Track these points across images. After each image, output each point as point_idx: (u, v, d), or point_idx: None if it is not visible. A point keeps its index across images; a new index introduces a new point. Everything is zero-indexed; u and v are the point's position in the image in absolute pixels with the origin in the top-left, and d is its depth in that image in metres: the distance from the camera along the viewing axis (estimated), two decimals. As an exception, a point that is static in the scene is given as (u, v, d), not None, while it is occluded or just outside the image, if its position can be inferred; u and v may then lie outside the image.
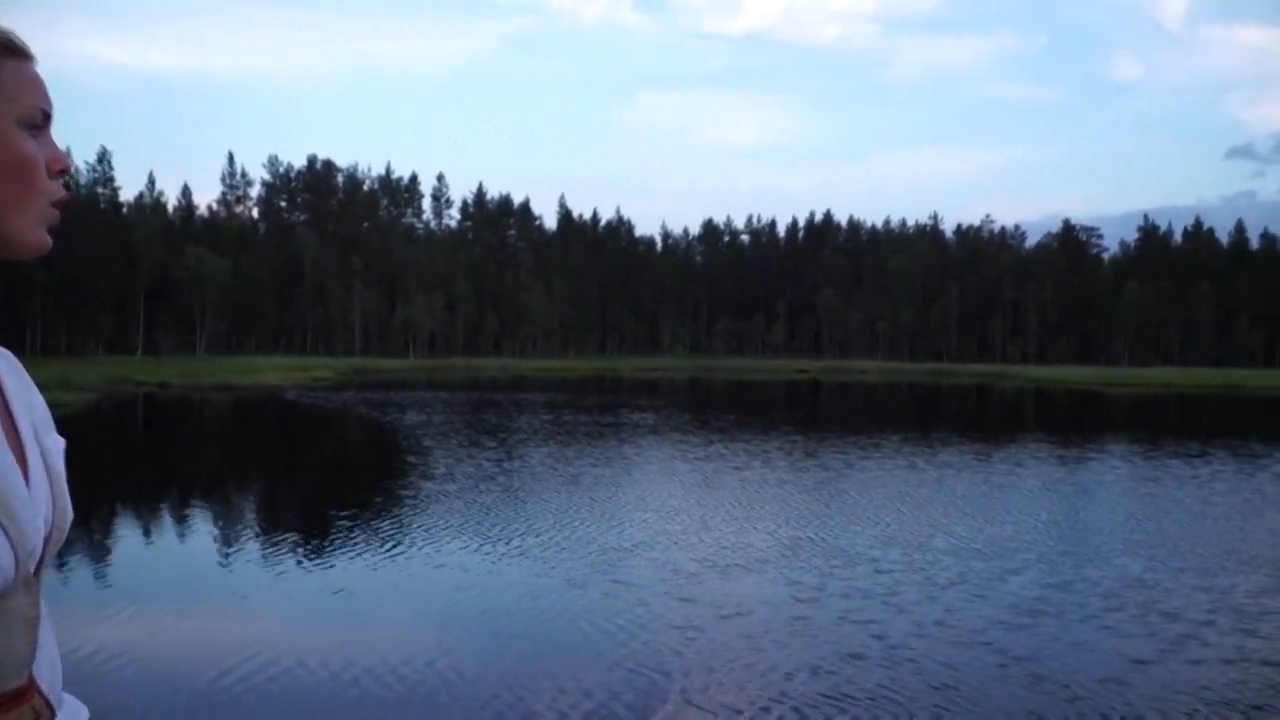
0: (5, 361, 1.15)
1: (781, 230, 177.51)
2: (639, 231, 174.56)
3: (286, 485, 22.01)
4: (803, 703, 7.80)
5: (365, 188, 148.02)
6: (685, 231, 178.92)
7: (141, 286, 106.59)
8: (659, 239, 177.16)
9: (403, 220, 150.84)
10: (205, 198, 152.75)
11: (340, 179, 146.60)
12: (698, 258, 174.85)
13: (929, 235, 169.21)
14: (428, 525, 15.08)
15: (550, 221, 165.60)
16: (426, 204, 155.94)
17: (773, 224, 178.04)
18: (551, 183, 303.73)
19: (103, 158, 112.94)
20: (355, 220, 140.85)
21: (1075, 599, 11.14)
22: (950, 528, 15.39)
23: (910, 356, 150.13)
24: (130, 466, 24.14)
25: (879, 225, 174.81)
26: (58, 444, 1.15)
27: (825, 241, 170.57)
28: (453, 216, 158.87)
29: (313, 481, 22.53)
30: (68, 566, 11.85)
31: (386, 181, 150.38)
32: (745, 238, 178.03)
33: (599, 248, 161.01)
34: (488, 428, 33.29)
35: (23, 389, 1.14)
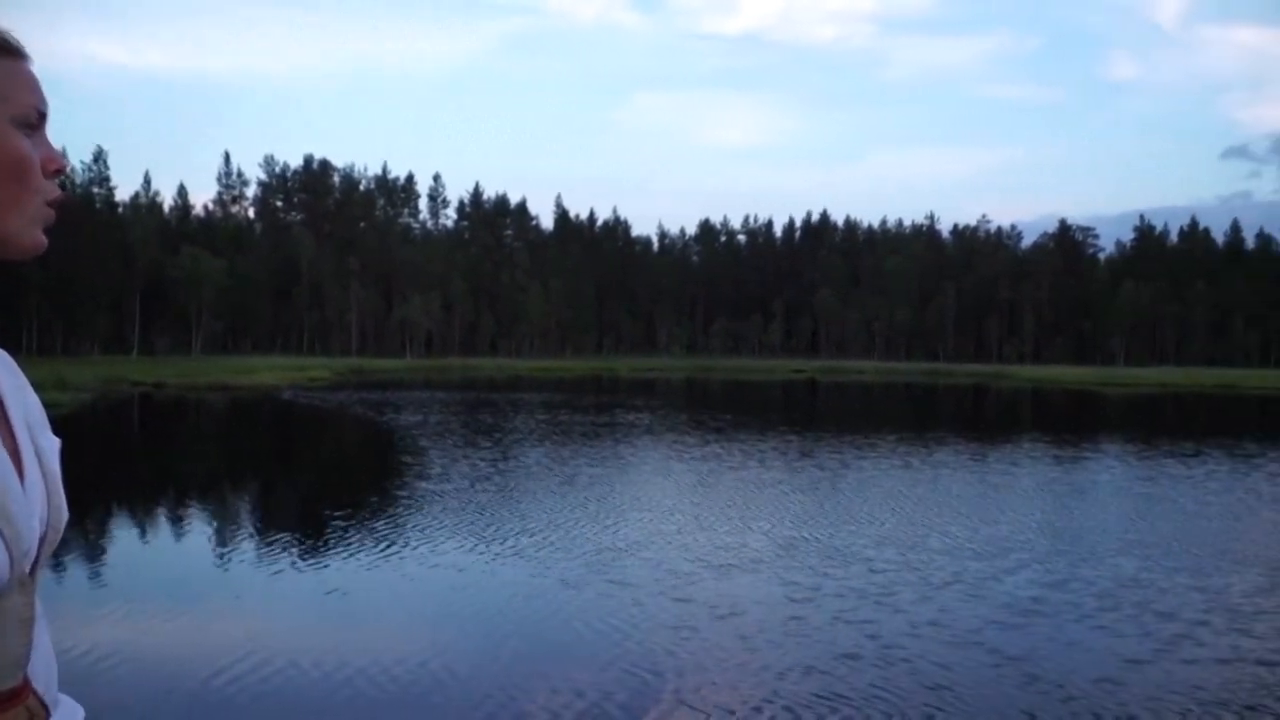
0: (0, 361, 1.14)
1: (778, 230, 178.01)
2: (636, 231, 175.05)
3: (282, 485, 21.99)
4: (796, 702, 7.80)
5: (362, 188, 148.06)
6: (682, 231, 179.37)
7: (137, 286, 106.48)
8: (656, 239, 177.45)
9: (399, 220, 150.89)
10: (201, 197, 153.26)
11: (336, 179, 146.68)
12: (694, 258, 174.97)
13: (925, 235, 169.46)
14: (423, 525, 15.08)
15: (547, 221, 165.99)
16: (423, 204, 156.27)
17: (769, 224, 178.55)
18: (548, 183, 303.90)
19: (98, 157, 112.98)
20: (352, 220, 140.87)
21: (1070, 599, 11.15)
22: (945, 527, 15.40)
23: (907, 356, 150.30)
24: (126, 466, 24.10)
25: (875, 225, 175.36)
26: (53, 444, 1.15)
27: (822, 241, 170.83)
28: (449, 216, 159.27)
29: (308, 481, 22.51)
30: (63, 566, 11.84)
31: (383, 181, 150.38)
32: (742, 238, 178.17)
33: (596, 248, 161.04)
34: (484, 428, 33.27)
35: (18, 388, 1.14)
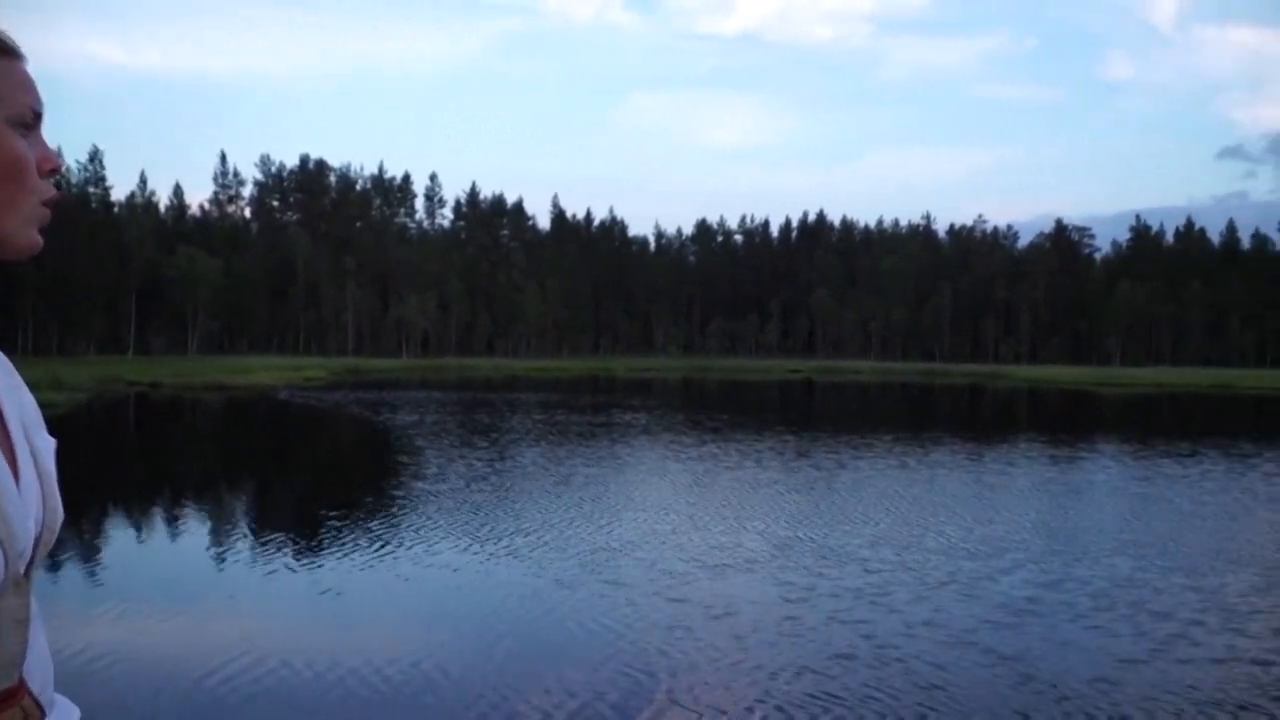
0: None
1: (775, 230, 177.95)
2: (632, 231, 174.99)
3: (278, 485, 21.96)
4: (789, 702, 7.79)
5: (358, 187, 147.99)
6: (679, 231, 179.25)
7: (133, 286, 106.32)
8: (652, 239, 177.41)
9: (396, 220, 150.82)
10: (197, 197, 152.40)
11: (333, 179, 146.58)
12: (691, 258, 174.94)
13: (922, 235, 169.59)
14: (418, 525, 15.06)
15: (543, 221, 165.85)
16: (419, 204, 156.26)
17: (766, 224, 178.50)
18: (545, 182, 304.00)
19: (94, 157, 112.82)
20: (348, 220, 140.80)
21: (1065, 598, 11.16)
22: (941, 527, 15.41)
23: (903, 356, 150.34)
24: (121, 466, 24.07)
25: (872, 225, 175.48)
26: (48, 444, 1.15)
27: (818, 241, 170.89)
28: (446, 216, 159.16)
29: (304, 481, 22.49)
30: (59, 567, 11.82)
31: (379, 181, 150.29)
32: (738, 238, 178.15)
33: (592, 248, 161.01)
34: (480, 428, 33.26)
35: (13, 388, 1.14)
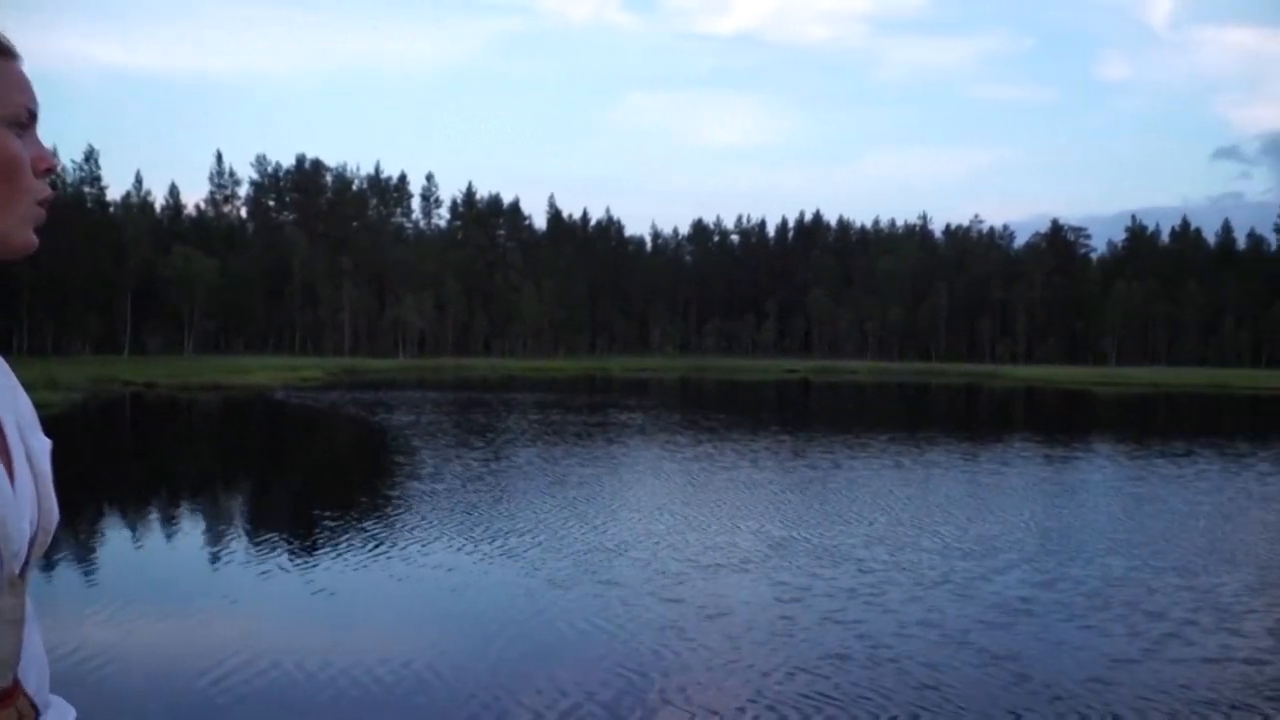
0: None
1: (771, 230, 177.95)
2: (629, 231, 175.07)
3: (274, 486, 21.93)
4: (781, 702, 7.78)
5: (354, 187, 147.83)
6: (675, 231, 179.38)
7: (129, 286, 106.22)
8: (649, 239, 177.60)
9: (392, 220, 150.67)
10: (193, 197, 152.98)
11: (329, 178, 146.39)
12: (687, 257, 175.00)
13: (918, 235, 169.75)
14: (413, 525, 15.04)
15: (540, 221, 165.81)
16: (416, 204, 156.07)
17: (762, 224, 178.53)
18: (541, 182, 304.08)
19: (90, 157, 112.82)
20: (344, 220, 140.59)
21: (1059, 598, 11.16)
22: (936, 527, 15.41)
23: (899, 356, 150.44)
24: (117, 467, 24.03)
25: (868, 225, 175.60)
26: (44, 444, 1.14)
27: (815, 241, 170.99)
28: (442, 216, 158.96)
29: (300, 482, 22.46)
30: (54, 567, 11.80)
31: (375, 181, 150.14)
32: (735, 238, 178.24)
33: (589, 247, 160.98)
34: (476, 428, 33.24)
35: (8, 389, 1.13)
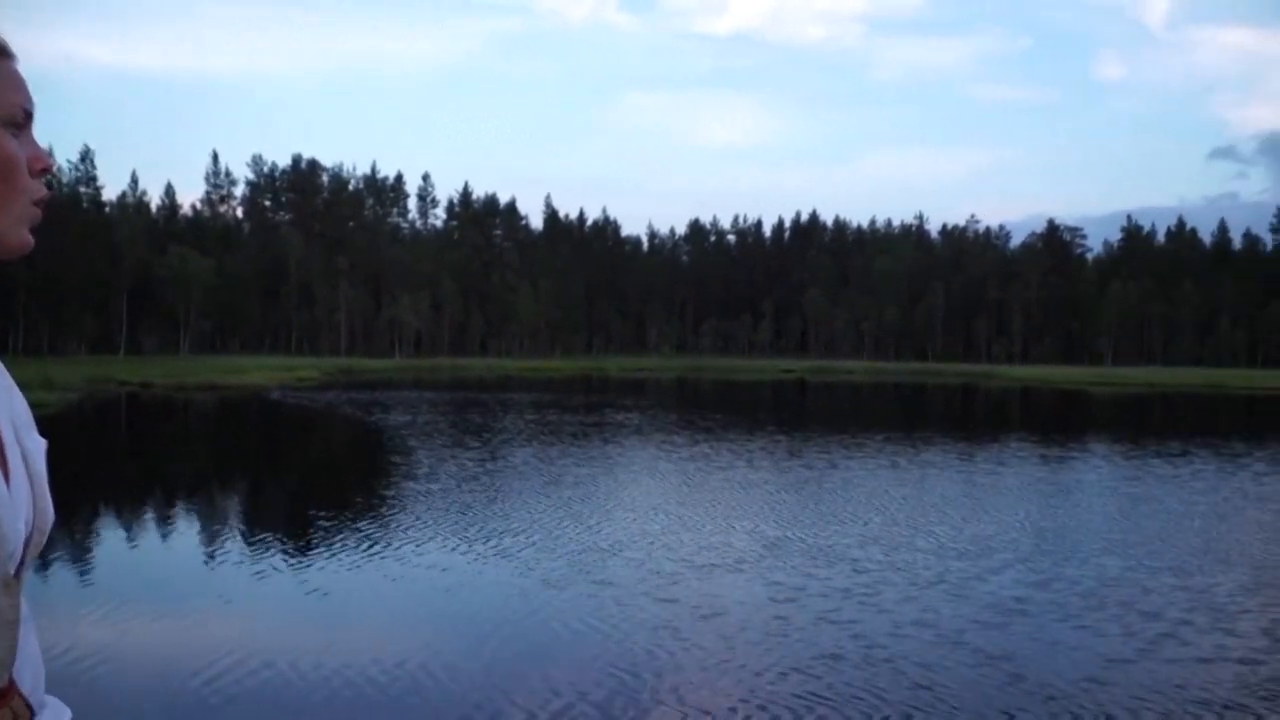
0: None
1: (768, 230, 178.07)
2: (625, 231, 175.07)
3: (269, 486, 21.91)
4: (774, 702, 7.77)
5: (350, 187, 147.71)
6: (672, 231, 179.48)
7: (124, 286, 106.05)
8: (645, 239, 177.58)
9: (388, 220, 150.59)
10: (189, 197, 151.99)
11: (325, 178, 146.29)
12: (684, 257, 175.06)
13: (914, 235, 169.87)
14: (407, 525, 15.03)
15: (536, 221, 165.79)
16: (412, 204, 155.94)
17: (759, 224, 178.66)
18: (538, 182, 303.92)
19: (85, 156, 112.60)
20: (340, 220, 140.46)
21: (1054, 598, 11.17)
22: (931, 527, 15.42)
23: (895, 356, 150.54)
24: (112, 467, 23.99)
25: (865, 225, 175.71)
26: (39, 445, 1.14)
27: (811, 241, 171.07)
28: (438, 216, 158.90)
29: (296, 482, 22.44)
30: (49, 567, 11.77)
31: (372, 181, 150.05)
32: (731, 238, 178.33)
33: (585, 247, 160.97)
34: (472, 428, 33.22)
35: (3, 389, 1.13)
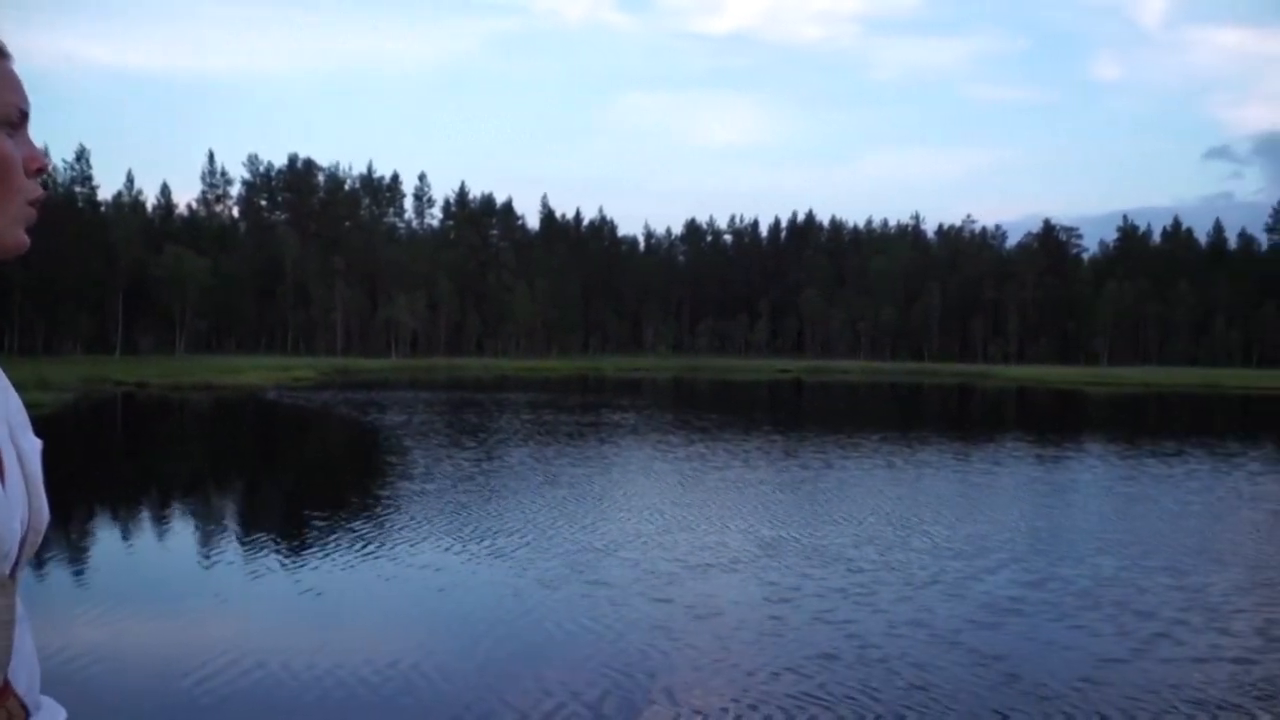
0: None
1: (764, 230, 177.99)
2: (622, 231, 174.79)
3: (265, 486, 21.89)
4: (769, 702, 7.76)
5: (346, 187, 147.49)
6: (668, 231, 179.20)
7: (120, 286, 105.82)
8: (642, 239, 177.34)
9: (384, 220, 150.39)
10: (185, 196, 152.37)
11: (321, 178, 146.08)
12: (680, 257, 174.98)
13: (910, 235, 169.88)
14: (403, 525, 15.02)
15: (533, 221, 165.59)
16: (408, 203, 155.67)
17: (755, 224, 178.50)
18: (534, 182, 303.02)
19: (81, 156, 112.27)
20: (336, 220, 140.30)
21: (1049, 598, 11.17)
22: (926, 527, 15.43)
23: (892, 356, 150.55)
24: (108, 467, 23.94)
25: (861, 225, 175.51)
26: (34, 445, 1.14)
27: (807, 241, 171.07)
28: (435, 216, 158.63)
29: (291, 482, 22.42)
30: (45, 568, 11.75)
31: (368, 181, 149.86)
32: (728, 238, 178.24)
33: (582, 247, 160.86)
34: (468, 428, 33.20)
35: None
